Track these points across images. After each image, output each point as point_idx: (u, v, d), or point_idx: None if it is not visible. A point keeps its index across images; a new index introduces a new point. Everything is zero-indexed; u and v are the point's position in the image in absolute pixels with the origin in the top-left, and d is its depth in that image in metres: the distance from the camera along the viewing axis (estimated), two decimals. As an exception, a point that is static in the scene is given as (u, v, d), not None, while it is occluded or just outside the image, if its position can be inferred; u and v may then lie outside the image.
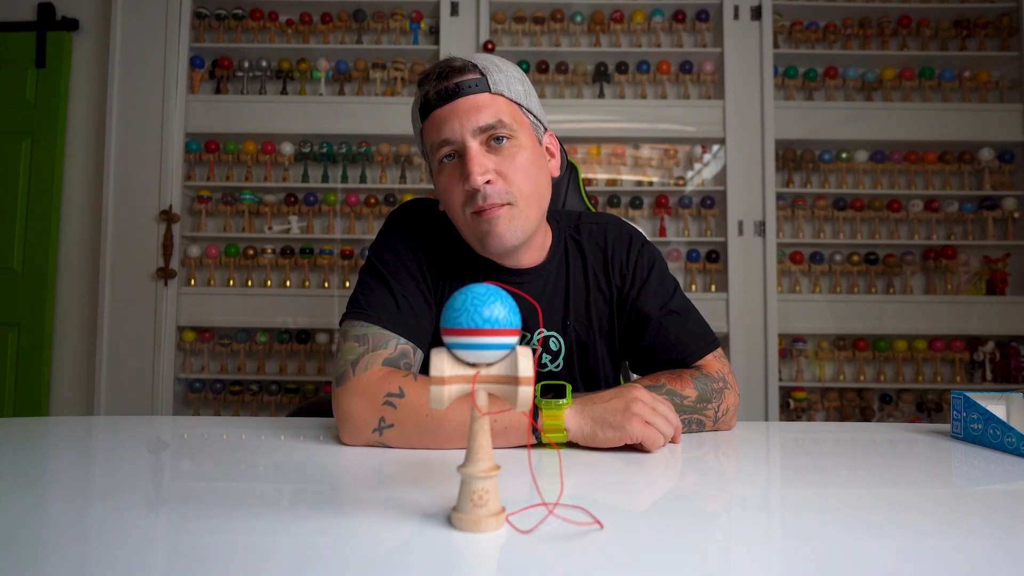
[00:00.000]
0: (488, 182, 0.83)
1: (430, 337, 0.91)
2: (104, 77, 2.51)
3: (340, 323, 0.88)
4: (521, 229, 0.86)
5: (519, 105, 0.88)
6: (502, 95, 0.86)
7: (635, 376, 1.00)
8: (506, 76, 0.88)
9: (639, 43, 2.63)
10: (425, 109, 0.87)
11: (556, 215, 1.02)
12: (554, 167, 0.95)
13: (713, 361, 0.93)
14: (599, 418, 0.74)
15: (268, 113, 2.53)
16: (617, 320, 0.98)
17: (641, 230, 1.06)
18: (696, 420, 0.87)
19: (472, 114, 0.83)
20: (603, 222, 1.02)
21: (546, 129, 0.95)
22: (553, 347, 0.95)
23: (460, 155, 0.85)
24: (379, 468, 0.68)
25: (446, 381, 0.46)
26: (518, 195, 0.85)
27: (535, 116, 0.91)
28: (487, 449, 0.47)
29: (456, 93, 0.84)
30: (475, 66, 0.86)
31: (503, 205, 0.85)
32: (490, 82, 0.85)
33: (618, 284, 0.98)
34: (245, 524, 0.49)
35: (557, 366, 0.96)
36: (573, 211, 1.07)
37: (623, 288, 0.98)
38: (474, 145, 0.84)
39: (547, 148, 0.94)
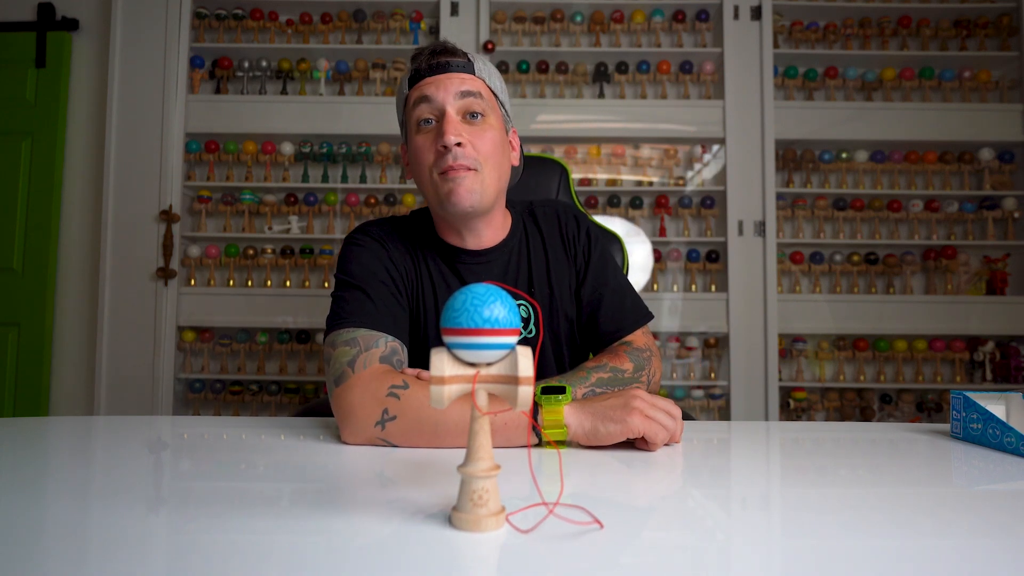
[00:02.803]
0: (459, 144, 0.90)
1: (407, 336, 0.96)
2: (104, 77, 2.51)
3: (324, 338, 0.90)
4: (480, 195, 0.93)
5: (495, 95, 0.99)
6: (483, 81, 0.97)
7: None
8: (489, 69, 0.99)
9: (639, 43, 2.63)
10: (415, 78, 0.96)
11: (512, 203, 1.10)
12: (514, 157, 1.04)
13: (640, 336, 1.05)
14: (600, 414, 0.75)
15: (268, 113, 2.53)
16: (575, 291, 1.08)
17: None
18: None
19: (456, 83, 0.93)
20: (553, 204, 1.13)
21: (512, 127, 1.05)
22: (523, 314, 1.01)
23: (437, 120, 0.93)
24: (379, 468, 0.68)
25: (446, 381, 0.46)
26: (484, 163, 0.93)
27: (506, 111, 1.02)
28: (487, 449, 0.47)
29: (446, 67, 0.94)
30: (465, 53, 0.98)
31: (469, 169, 0.92)
32: (475, 68, 0.96)
33: (573, 257, 1.07)
34: (245, 524, 0.49)
35: (530, 332, 1.02)
36: (523, 200, 1.15)
37: (576, 262, 1.07)
38: (452, 111, 0.92)
39: (511, 140, 1.04)
